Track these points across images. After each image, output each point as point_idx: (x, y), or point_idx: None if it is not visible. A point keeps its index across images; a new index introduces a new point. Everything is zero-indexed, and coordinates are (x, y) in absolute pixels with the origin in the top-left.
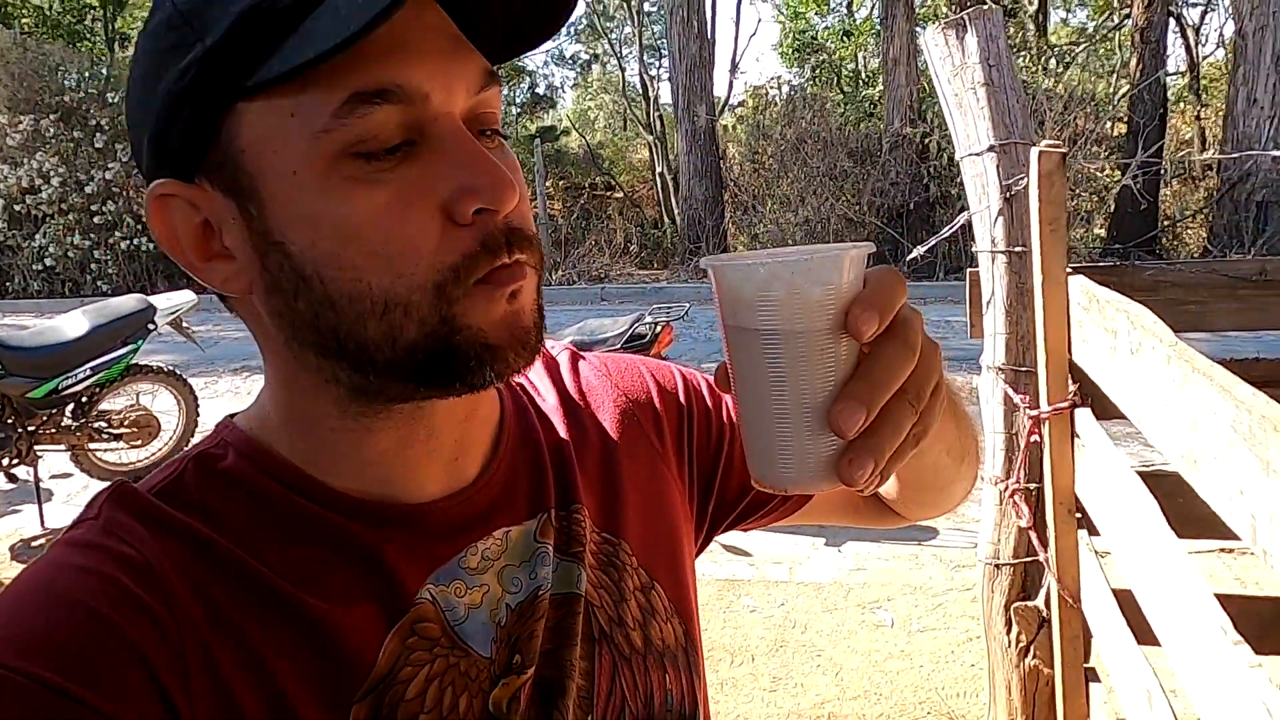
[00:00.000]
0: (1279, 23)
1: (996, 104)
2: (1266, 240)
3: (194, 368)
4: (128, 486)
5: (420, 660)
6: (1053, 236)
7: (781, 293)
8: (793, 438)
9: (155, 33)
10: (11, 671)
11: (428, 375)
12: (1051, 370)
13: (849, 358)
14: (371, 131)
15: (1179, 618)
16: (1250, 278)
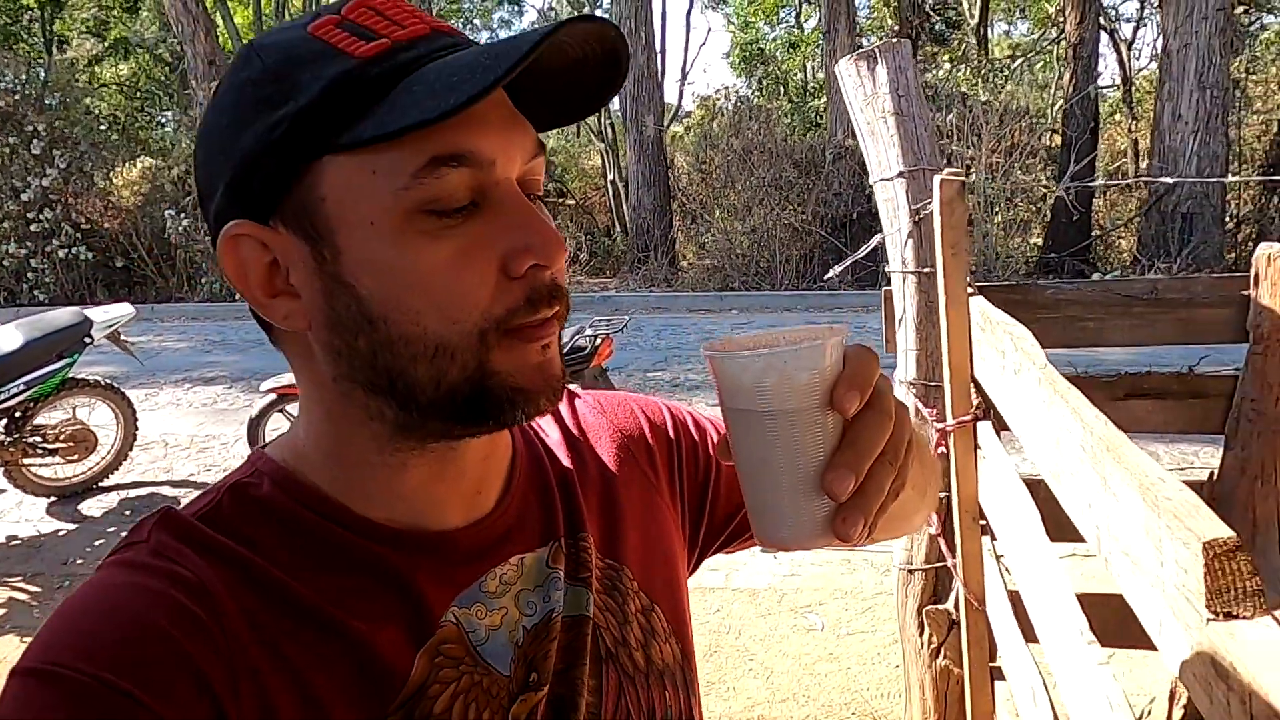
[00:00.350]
0: (1201, 41)
1: (905, 132)
2: (1191, 250)
3: (134, 380)
4: (174, 512)
5: (447, 678)
6: (954, 260)
7: (774, 379)
8: (791, 503)
9: (241, 87)
10: (81, 674)
11: (464, 415)
12: (955, 386)
13: (835, 428)
14: (445, 191)
15: (1050, 618)
16: (1142, 296)
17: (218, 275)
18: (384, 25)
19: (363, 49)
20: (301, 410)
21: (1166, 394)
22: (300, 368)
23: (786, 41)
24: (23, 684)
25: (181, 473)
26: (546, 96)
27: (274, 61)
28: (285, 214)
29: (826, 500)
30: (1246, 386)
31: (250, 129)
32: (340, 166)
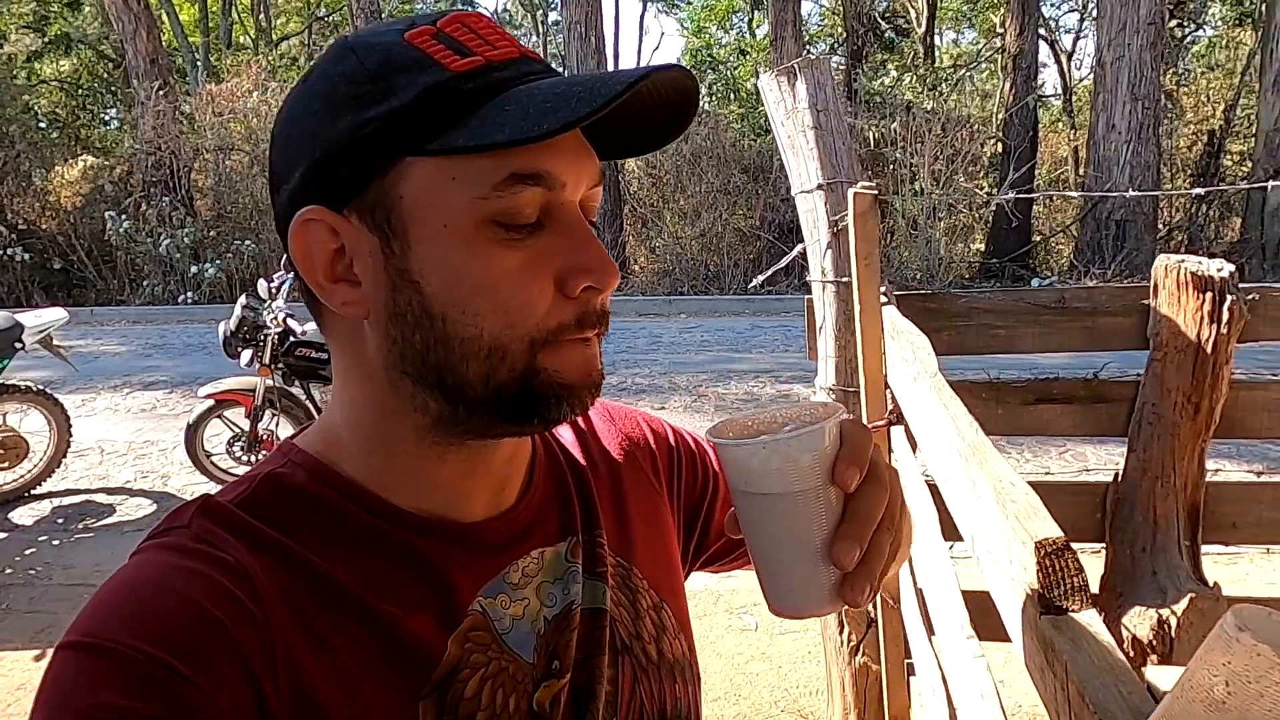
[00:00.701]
0: (1133, 54)
1: (824, 146)
2: (1125, 256)
3: (71, 385)
4: (214, 500)
5: (477, 663)
6: (867, 270)
7: (779, 463)
8: (801, 575)
9: (334, 80)
10: (133, 650)
11: (510, 413)
12: (870, 391)
13: (838, 502)
14: (518, 206)
15: (941, 614)
16: (1050, 305)
17: (159, 277)
18: (478, 44)
19: (458, 63)
20: (339, 398)
21: (1074, 399)
22: (346, 354)
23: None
24: (73, 657)
25: (118, 479)
26: (609, 129)
27: (372, 62)
28: (361, 206)
29: (834, 569)
30: (1147, 391)
31: (339, 122)
32: (423, 169)
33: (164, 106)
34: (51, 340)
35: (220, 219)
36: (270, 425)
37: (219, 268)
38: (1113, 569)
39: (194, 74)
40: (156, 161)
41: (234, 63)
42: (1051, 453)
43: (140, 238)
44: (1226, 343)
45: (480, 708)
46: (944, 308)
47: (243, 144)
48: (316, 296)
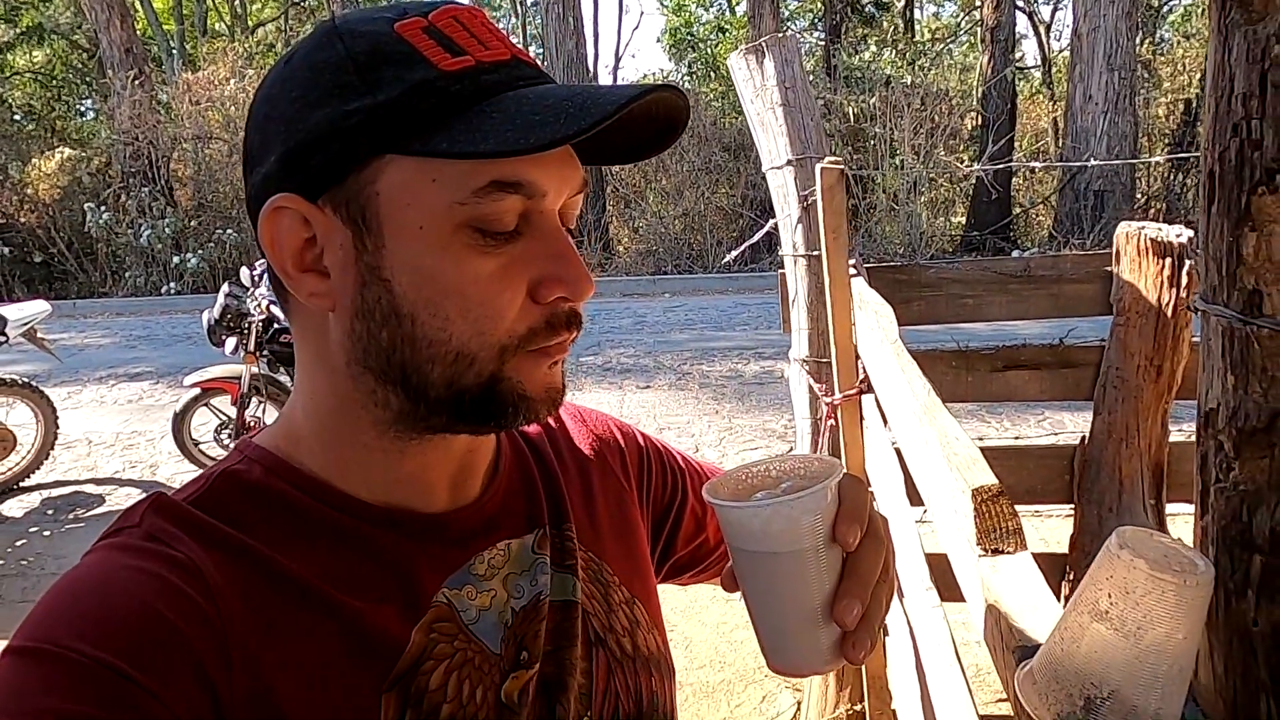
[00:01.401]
0: (1109, 24)
1: (793, 122)
2: (1103, 227)
3: (56, 378)
4: (165, 497)
5: (442, 654)
6: (836, 243)
7: (781, 525)
8: (800, 633)
9: (318, 67)
10: (79, 654)
11: (468, 415)
12: (841, 361)
13: (836, 559)
14: (498, 213)
15: (907, 575)
16: (1017, 274)
17: (141, 269)
18: (470, 43)
19: (448, 62)
20: (300, 391)
21: (1041, 365)
22: (309, 345)
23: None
24: (18, 663)
25: (106, 470)
26: (594, 138)
27: (359, 51)
28: (336, 197)
29: (834, 626)
30: (1111, 356)
31: (322, 109)
32: (402, 168)
33: (140, 96)
34: (35, 333)
35: (201, 208)
36: (257, 412)
37: (201, 258)
38: (1081, 529)
39: (170, 62)
40: (135, 152)
41: (210, 50)
42: (1030, 420)
43: (121, 229)
44: (1186, 306)
45: (446, 699)
46: (914, 279)
47: (221, 132)
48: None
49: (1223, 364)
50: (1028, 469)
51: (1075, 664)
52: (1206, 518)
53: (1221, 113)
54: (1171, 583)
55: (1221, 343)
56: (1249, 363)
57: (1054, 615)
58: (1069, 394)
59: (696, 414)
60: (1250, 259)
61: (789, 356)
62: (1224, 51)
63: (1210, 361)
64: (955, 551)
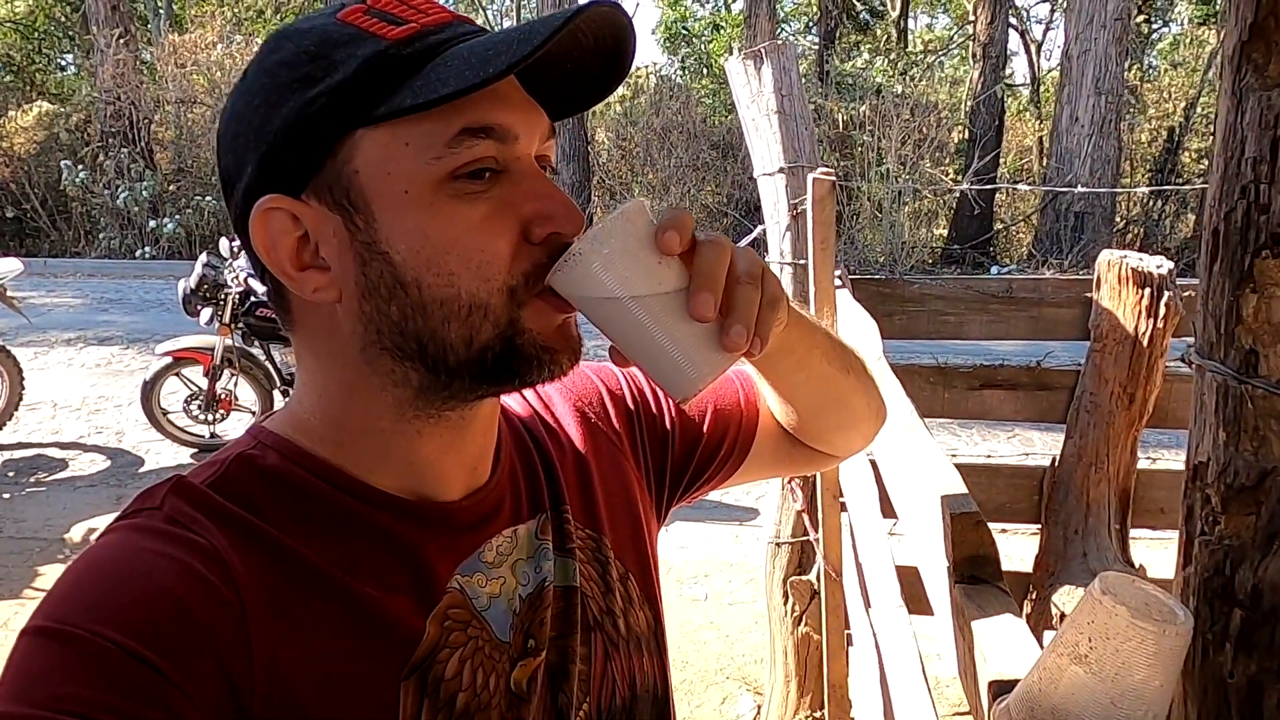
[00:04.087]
0: (1099, 48)
1: (787, 130)
2: (1082, 248)
3: (23, 337)
4: (186, 481)
5: (456, 642)
6: (823, 254)
7: (598, 265)
8: (677, 349)
9: (273, 70)
10: (98, 637)
11: (491, 373)
12: None
13: (681, 273)
14: (473, 159)
15: (877, 587)
16: (999, 295)
17: (116, 230)
18: (411, 13)
19: (394, 32)
20: (306, 387)
21: (1017, 385)
22: (318, 343)
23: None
24: (36, 643)
25: (71, 434)
26: (554, 86)
27: (308, 44)
28: (318, 187)
29: (706, 327)
30: (1086, 380)
31: (284, 107)
32: (374, 140)
33: (124, 55)
34: (4, 291)
35: (181, 173)
36: (229, 385)
37: (178, 223)
38: (1046, 549)
39: (156, 22)
40: (115, 111)
41: (198, 13)
42: (1000, 436)
43: (97, 189)
44: (1162, 336)
45: (461, 687)
46: (897, 293)
47: (205, 97)
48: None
49: (1215, 419)
50: (998, 487)
51: (1052, 703)
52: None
53: (1230, 174)
54: (1151, 631)
55: (1215, 399)
56: (1241, 421)
57: (1028, 647)
58: (1043, 416)
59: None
60: (1249, 319)
61: None
62: (1237, 114)
63: (1203, 416)
64: (930, 575)
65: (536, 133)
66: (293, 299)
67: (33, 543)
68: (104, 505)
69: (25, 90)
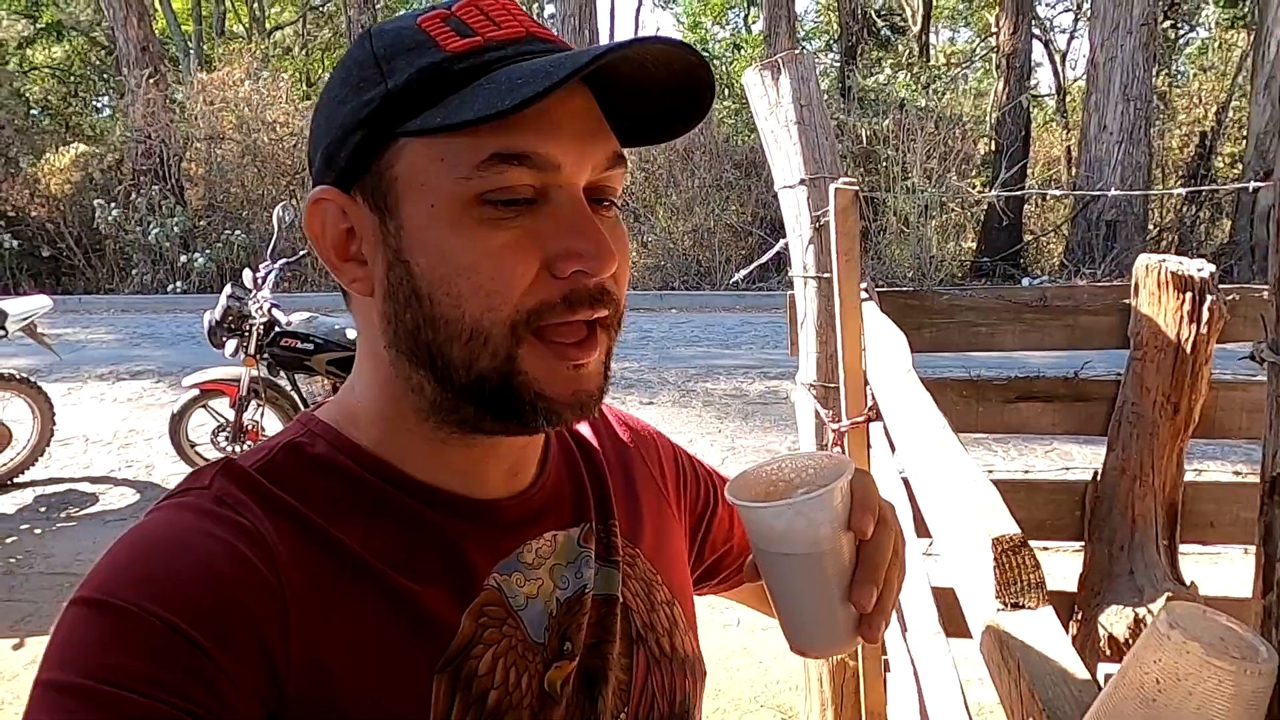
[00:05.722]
0: (1126, 55)
1: (807, 141)
2: (1115, 256)
3: (57, 373)
4: (236, 463)
5: (491, 639)
6: (848, 266)
7: (802, 525)
8: (822, 619)
9: (351, 67)
10: (145, 612)
11: (493, 407)
12: (849, 387)
13: (852, 549)
14: (503, 185)
15: (913, 611)
16: (1032, 304)
17: (148, 266)
18: (483, 24)
19: (455, 44)
20: (356, 373)
21: (1054, 397)
22: (363, 331)
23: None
24: (83, 613)
25: (102, 468)
26: (642, 114)
27: (381, 46)
28: (364, 186)
29: (852, 609)
30: (1127, 391)
31: (349, 104)
32: (415, 149)
33: (155, 94)
34: (35, 328)
35: (211, 208)
36: (255, 416)
37: (209, 257)
38: (1091, 567)
39: (186, 62)
40: (147, 150)
41: (227, 51)
42: (1037, 450)
43: (130, 226)
44: (1206, 343)
45: (494, 684)
46: (926, 305)
47: (234, 133)
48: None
49: None
50: (1037, 504)
51: None
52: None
53: None
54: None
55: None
56: None
57: (1079, 678)
58: (1082, 428)
59: (699, 432)
60: None
61: (795, 380)
62: None
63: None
64: (971, 601)
65: (588, 163)
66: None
67: (63, 578)
68: None
69: (62, 132)
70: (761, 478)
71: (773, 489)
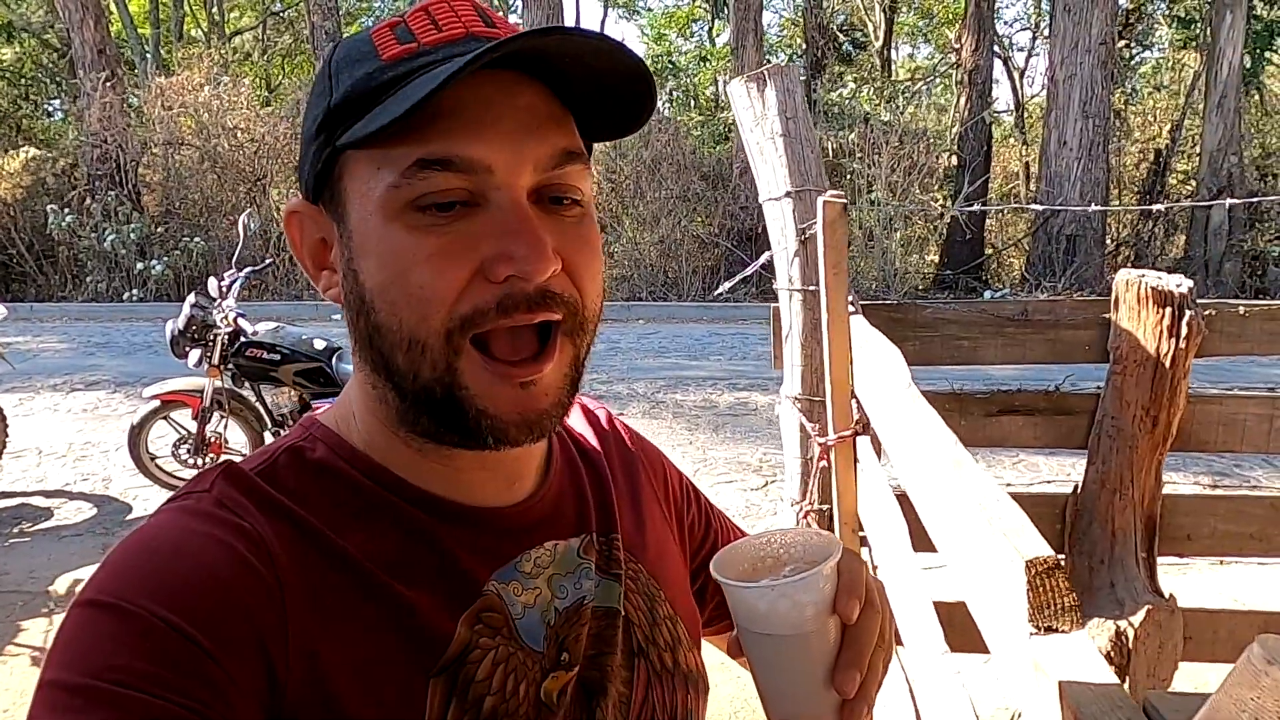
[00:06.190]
0: (1085, 72)
1: (793, 153)
2: (1075, 270)
3: (8, 383)
4: (237, 467)
5: (487, 645)
6: (836, 278)
7: (785, 607)
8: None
9: (317, 79)
10: (148, 612)
11: (443, 420)
12: (837, 401)
13: (837, 630)
14: (428, 191)
15: (911, 627)
16: (1014, 317)
17: (103, 274)
18: (424, 29)
19: (391, 52)
20: (350, 379)
21: (1035, 410)
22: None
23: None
24: (87, 615)
25: (56, 481)
26: (601, 109)
27: (336, 58)
28: (324, 197)
29: (834, 693)
30: (1107, 404)
31: (310, 117)
32: (356, 159)
33: (111, 98)
34: None
35: (168, 215)
36: (218, 428)
37: (166, 264)
38: (1071, 580)
39: (143, 66)
40: (102, 155)
41: (185, 56)
42: (1005, 462)
43: (84, 232)
44: (1185, 357)
45: (490, 691)
46: (909, 318)
47: (193, 139)
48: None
49: None
50: None
51: None
52: None
53: None
54: None
55: None
56: None
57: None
58: (1063, 442)
59: (670, 444)
60: None
61: (780, 393)
62: None
63: None
64: (993, 622)
65: (526, 163)
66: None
67: (15, 596)
68: (90, 555)
69: (11, 136)
70: (747, 553)
71: (759, 565)
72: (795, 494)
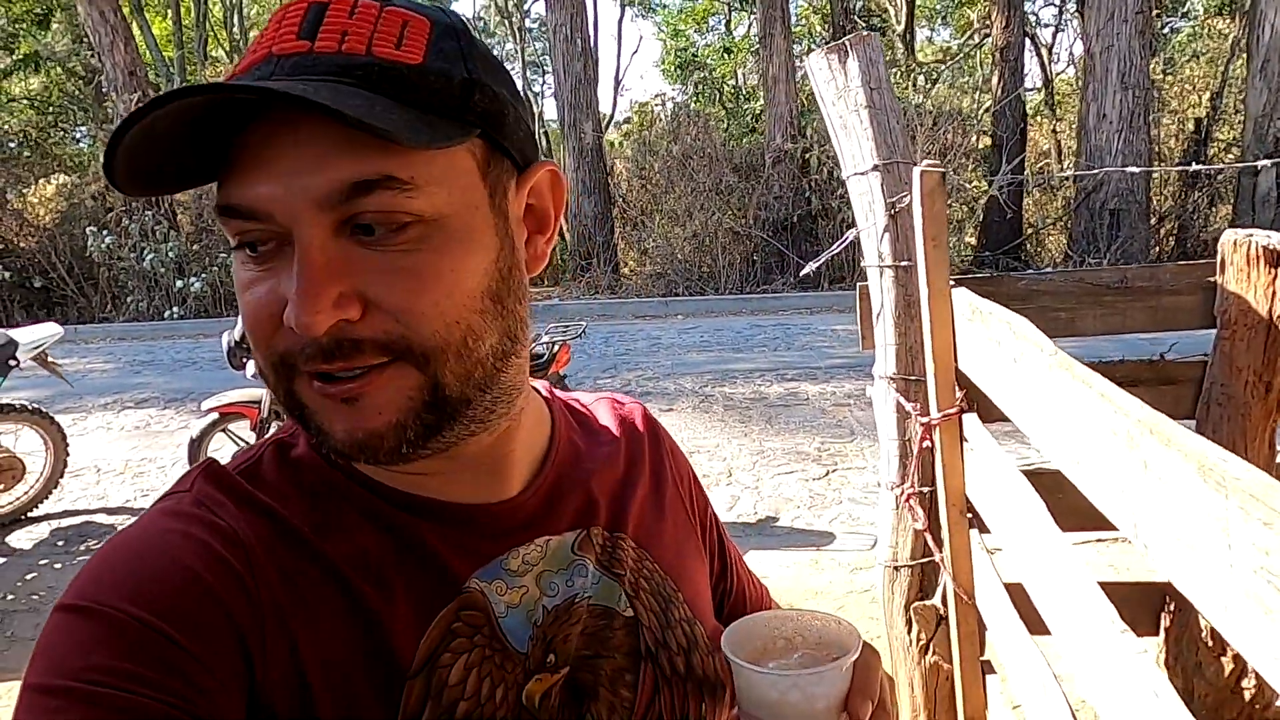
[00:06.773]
0: (1122, 43)
1: (879, 125)
2: (1120, 245)
3: (60, 404)
4: (217, 466)
5: (460, 648)
6: (935, 251)
7: (796, 698)
8: None
9: None
10: (122, 613)
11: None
12: (940, 378)
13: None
14: (234, 233)
15: (1067, 608)
16: (1112, 285)
17: (144, 293)
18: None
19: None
20: None
21: (1138, 381)
22: None
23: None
24: (64, 619)
25: (116, 499)
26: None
27: None
28: None
29: None
30: (1215, 371)
31: None
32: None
33: None
34: (46, 357)
35: (204, 232)
36: None
37: (204, 281)
38: None
39: (169, 87)
40: None
41: (214, 74)
42: None
43: (123, 253)
44: None
45: (464, 695)
46: (1001, 290)
47: None
48: None
49: None
50: None
51: None
52: None
53: None
54: None
55: None
56: None
57: None
58: (1169, 412)
59: (725, 437)
60: None
61: (873, 374)
62: None
63: None
64: (1231, 596)
65: (306, 201)
66: None
67: None
68: None
69: (45, 163)
70: (760, 631)
71: (770, 645)
72: (893, 477)
